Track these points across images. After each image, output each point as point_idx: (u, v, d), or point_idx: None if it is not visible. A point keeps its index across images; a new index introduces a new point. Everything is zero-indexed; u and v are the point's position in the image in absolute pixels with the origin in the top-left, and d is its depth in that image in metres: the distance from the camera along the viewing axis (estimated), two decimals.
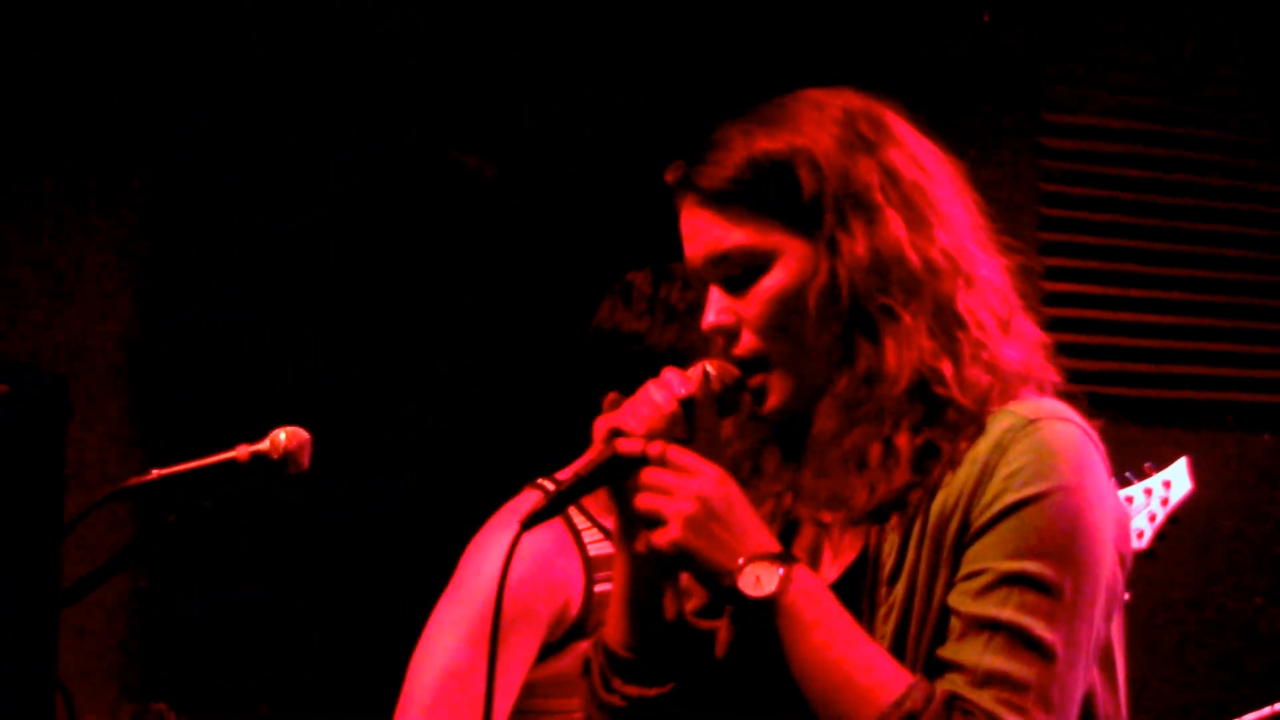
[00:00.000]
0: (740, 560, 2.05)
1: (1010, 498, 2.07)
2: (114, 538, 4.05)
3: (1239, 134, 5.51)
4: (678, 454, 2.07)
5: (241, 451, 2.64)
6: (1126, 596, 2.22)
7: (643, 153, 4.66)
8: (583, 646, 3.03)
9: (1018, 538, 2.07)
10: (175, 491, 2.68)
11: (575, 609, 3.01)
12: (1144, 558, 4.19)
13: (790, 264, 2.18)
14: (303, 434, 2.65)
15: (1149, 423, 5.09)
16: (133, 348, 4.75)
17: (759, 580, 2.05)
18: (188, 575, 4.66)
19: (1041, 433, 2.10)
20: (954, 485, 2.09)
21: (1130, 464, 4.24)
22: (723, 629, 2.26)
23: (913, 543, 2.11)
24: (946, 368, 2.14)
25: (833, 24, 4.90)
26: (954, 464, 2.10)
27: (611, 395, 2.34)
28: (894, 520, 2.13)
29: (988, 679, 2.02)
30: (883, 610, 2.11)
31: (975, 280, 2.19)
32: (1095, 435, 2.14)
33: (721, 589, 2.07)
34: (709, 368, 2.20)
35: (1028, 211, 5.20)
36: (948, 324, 2.16)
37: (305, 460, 2.66)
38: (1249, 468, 5.34)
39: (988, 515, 2.07)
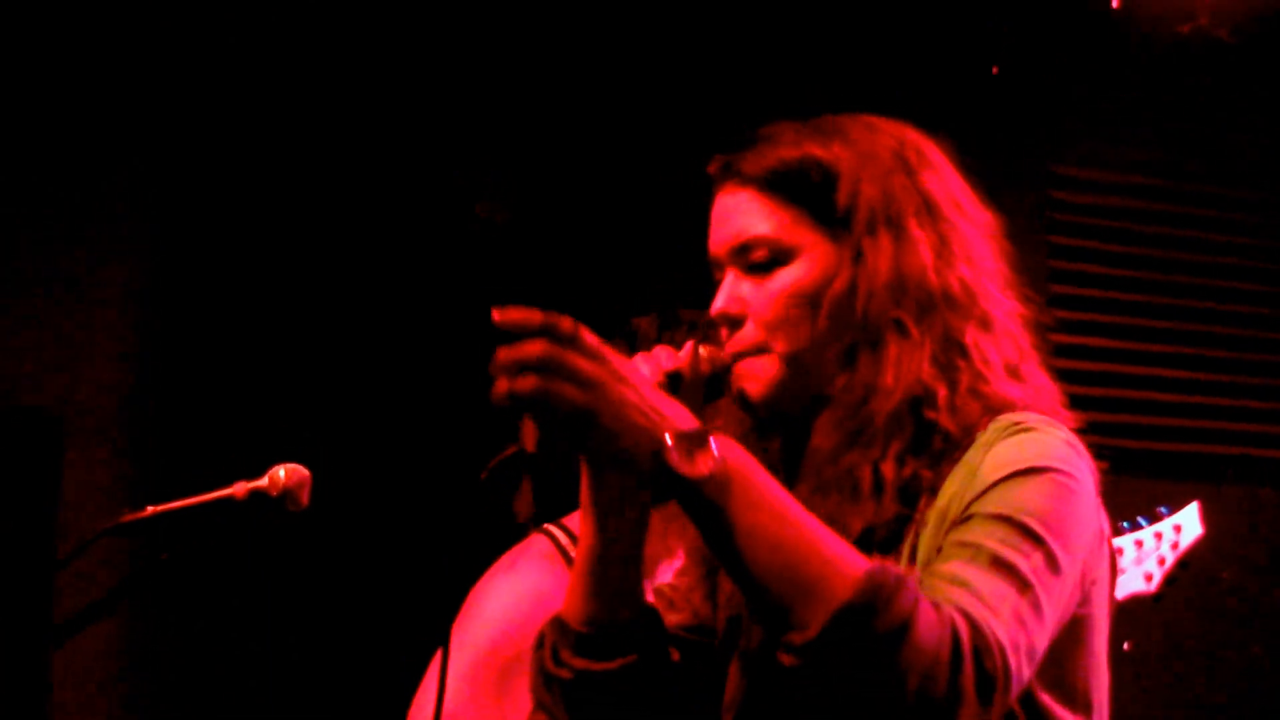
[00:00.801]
0: (667, 437, 1.89)
1: (1001, 473, 2.08)
2: (108, 575, 4.04)
3: (1246, 190, 5.54)
4: (591, 335, 1.89)
5: (240, 489, 2.63)
6: (1126, 646, 2.20)
7: (651, 200, 4.73)
8: None
9: (1009, 495, 2.06)
10: (170, 529, 2.67)
11: None
12: (1153, 602, 4.15)
13: (813, 262, 2.21)
14: (302, 471, 2.64)
15: (1151, 474, 5.11)
16: (129, 387, 4.75)
17: (692, 457, 1.88)
18: (179, 614, 4.64)
19: (1031, 433, 2.11)
20: (941, 501, 2.09)
21: (1131, 515, 4.24)
22: (731, 682, 2.25)
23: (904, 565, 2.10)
24: (941, 392, 2.15)
25: (844, 76, 4.94)
26: (934, 491, 2.10)
27: None
28: (885, 546, 2.13)
29: (963, 584, 1.97)
30: None
31: (990, 320, 2.22)
32: (1085, 449, 2.15)
33: (653, 471, 1.88)
34: (701, 349, 2.21)
35: (1036, 263, 5.22)
36: (952, 352, 2.18)
37: (305, 498, 2.64)
38: (1249, 520, 5.35)
39: (976, 491, 2.06)
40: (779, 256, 2.22)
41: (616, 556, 2.19)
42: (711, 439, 1.88)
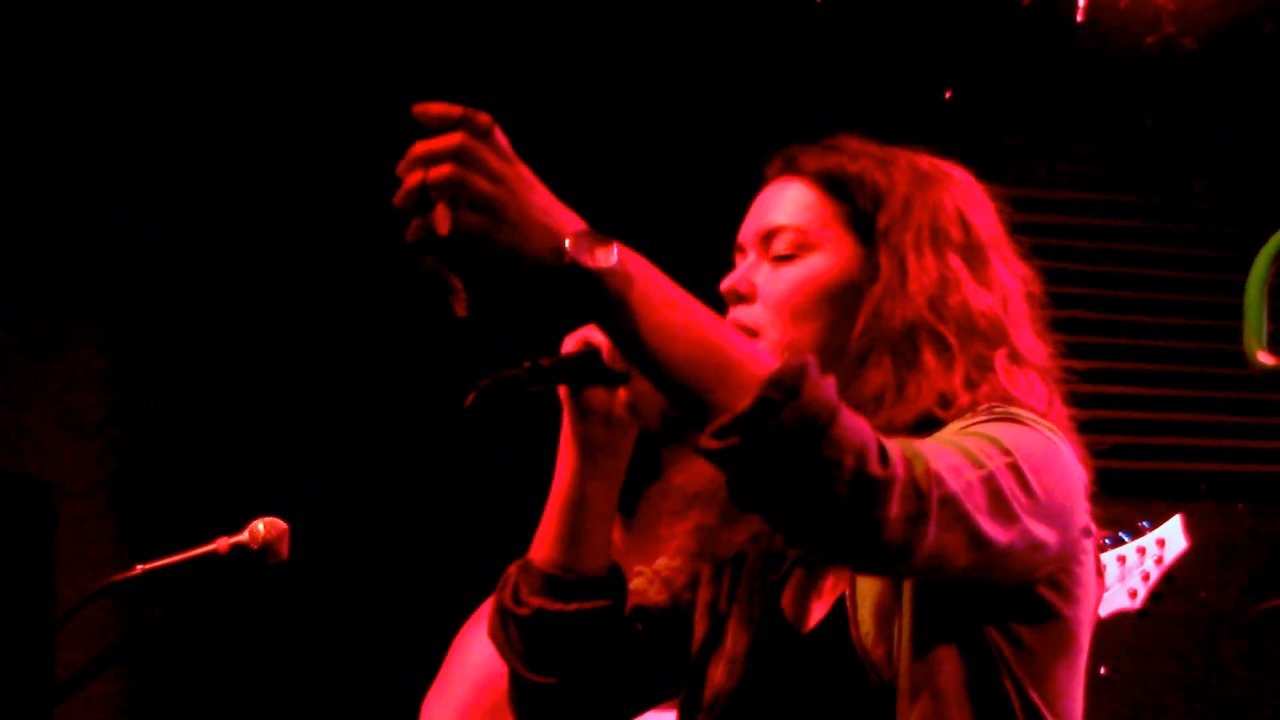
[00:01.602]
0: (567, 236, 1.86)
1: (970, 422, 2.09)
2: (101, 635, 4.06)
3: (1215, 205, 5.54)
4: (503, 137, 1.86)
5: (221, 544, 2.65)
6: (1103, 670, 2.21)
7: (649, 200, 4.71)
8: None
9: (979, 428, 2.06)
10: (159, 586, 2.69)
11: None
12: (1138, 618, 4.15)
13: (836, 258, 2.25)
14: (280, 524, 2.65)
15: (1122, 495, 5.09)
16: (112, 450, 4.78)
17: (594, 253, 1.85)
18: (172, 669, 4.67)
19: (1011, 413, 2.12)
20: None
21: (1107, 535, 4.23)
22: (714, 683, 2.24)
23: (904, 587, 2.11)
24: (963, 401, 2.16)
25: (793, 100, 4.95)
26: None
27: None
28: None
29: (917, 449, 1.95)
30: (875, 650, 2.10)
31: (1020, 357, 2.24)
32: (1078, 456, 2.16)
33: (554, 268, 1.84)
34: None
35: None
36: (984, 374, 2.19)
37: (284, 550, 2.66)
38: (1224, 537, 5.33)
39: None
40: (804, 247, 2.25)
41: (589, 505, 2.23)
42: (612, 242, 1.87)
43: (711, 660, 2.28)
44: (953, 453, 1.98)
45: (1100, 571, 2.22)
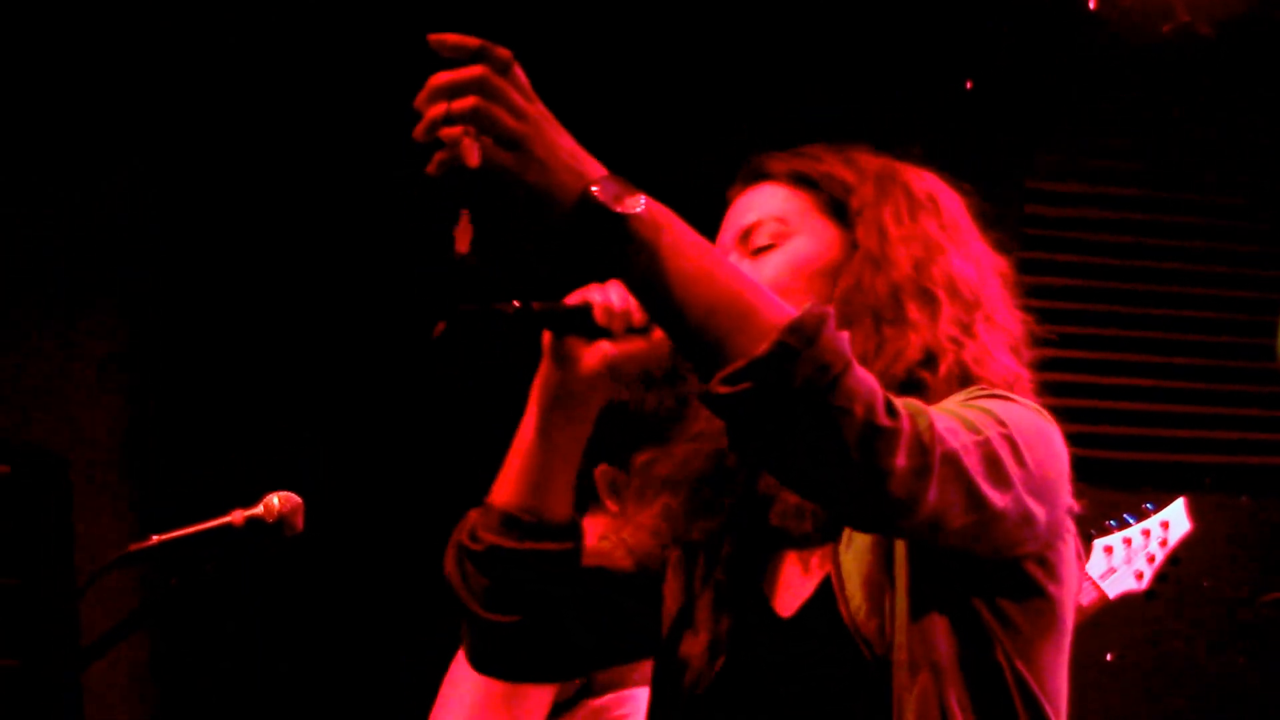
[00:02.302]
0: (595, 180, 1.86)
1: (958, 399, 2.10)
2: (119, 605, 4.10)
3: (1222, 197, 5.54)
4: (524, 74, 1.85)
5: (236, 516, 2.67)
6: (1109, 656, 2.22)
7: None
8: (593, 704, 3.09)
9: (970, 402, 2.08)
10: (176, 556, 2.71)
11: None
12: (1145, 599, 4.19)
13: (814, 239, 2.27)
14: (295, 498, 2.67)
15: (1127, 486, 5.08)
16: (127, 422, 4.81)
17: (620, 198, 1.85)
18: (198, 639, 4.71)
19: (1003, 393, 2.14)
20: None
21: (1109, 527, 4.26)
22: (694, 667, 2.24)
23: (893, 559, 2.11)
24: (949, 355, 2.18)
25: (815, 91, 4.96)
26: None
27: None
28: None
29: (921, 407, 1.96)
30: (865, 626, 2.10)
31: (994, 321, 2.26)
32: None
33: (580, 210, 1.84)
34: None
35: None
36: (966, 330, 2.21)
37: (299, 523, 2.67)
38: (1229, 528, 5.35)
39: None
40: (783, 235, 2.27)
41: (553, 453, 2.21)
42: (638, 190, 1.87)
43: (684, 640, 2.27)
44: (950, 418, 1.99)
45: (1080, 554, 2.23)
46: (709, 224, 2.36)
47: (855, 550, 2.15)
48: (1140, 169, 5.50)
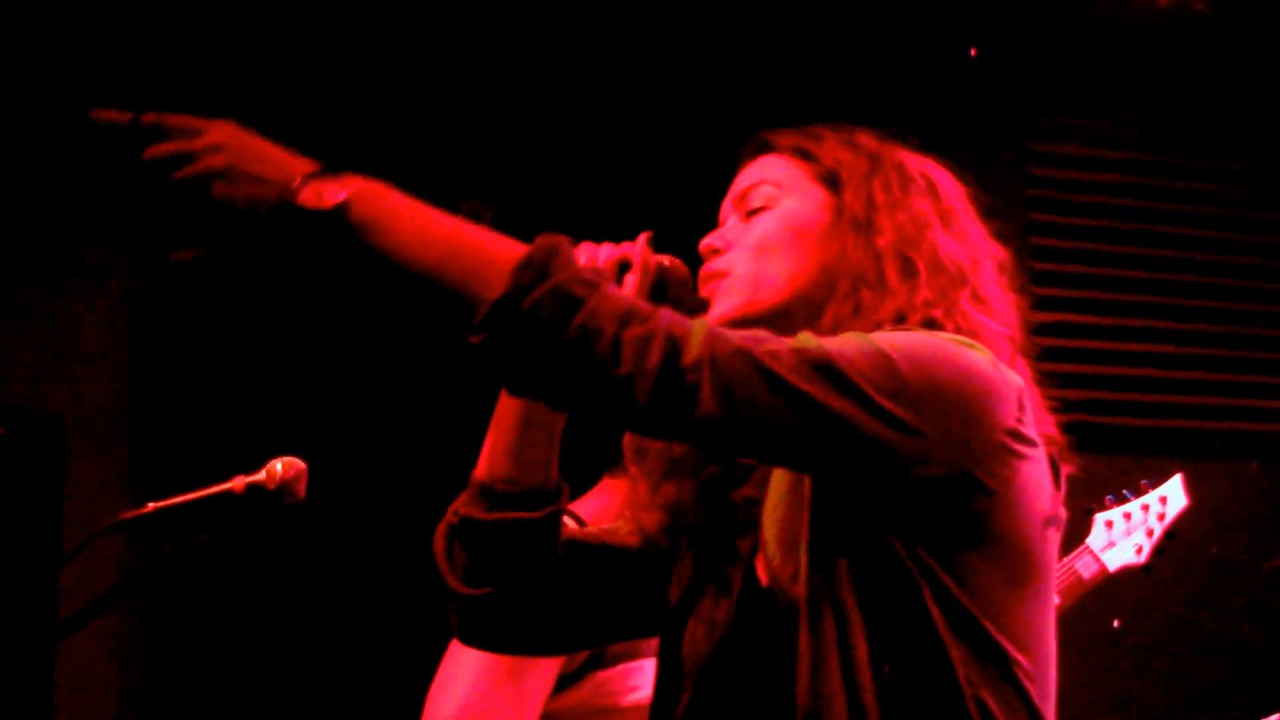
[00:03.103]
0: (295, 179, 1.93)
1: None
2: (111, 573, 4.06)
3: (1226, 162, 5.55)
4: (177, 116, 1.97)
5: (238, 483, 2.64)
6: (1116, 623, 2.16)
7: (643, 200, 4.73)
8: (599, 676, 3.06)
9: (881, 334, 2.04)
10: (171, 524, 2.68)
11: None
12: (1142, 573, 4.22)
13: (805, 201, 2.25)
14: (299, 464, 2.65)
15: (1136, 451, 5.10)
16: (126, 386, 4.77)
17: (321, 194, 1.91)
18: (181, 609, 4.67)
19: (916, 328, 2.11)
20: None
21: (1117, 492, 4.27)
22: (692, 647, 2.22)
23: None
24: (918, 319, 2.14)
25: (820, 58, 4.94)
26: None
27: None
28: None
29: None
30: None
31: (983, 299, 2.21)
32: (1013, 377, 2.09)
33: (279, 211, 1.93)
34: (664, 260, 2.23)
35: (1016, 240, 5.19)
36: (947, 298, 2.17)
37: (301, 490, 2.65)
38: (1235, 494, 5.36)
39: None
40: (775, 198, 2.26)
41: (532, 418, 2.22)
42: (341, 177, 1.91)
43: (690, 621, 2.25)
44: (798, 340, 1.96)
45: (1058, 481, 2.14)
46: (710, 223, 2.34)
47: (772, 502, 2.14)
48: (1147, 135, 5.50)
